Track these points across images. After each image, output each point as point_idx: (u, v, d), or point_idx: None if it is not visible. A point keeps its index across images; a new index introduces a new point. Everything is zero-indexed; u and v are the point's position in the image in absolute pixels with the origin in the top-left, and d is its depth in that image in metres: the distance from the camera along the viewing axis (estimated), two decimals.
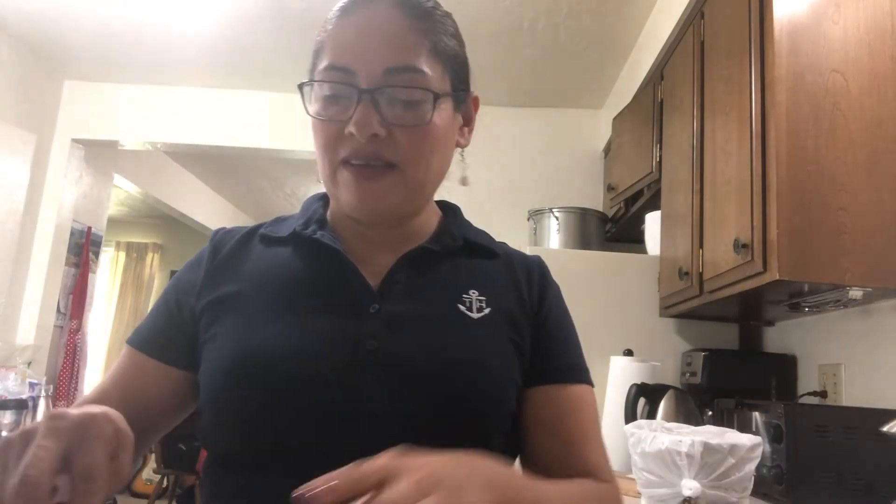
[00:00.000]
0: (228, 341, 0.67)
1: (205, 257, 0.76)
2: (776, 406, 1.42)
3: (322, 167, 0.71)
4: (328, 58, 0.70)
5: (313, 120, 0.70)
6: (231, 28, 2.93)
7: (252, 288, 0.71)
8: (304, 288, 0.71)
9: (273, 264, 0.73)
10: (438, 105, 0.69)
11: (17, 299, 3.36)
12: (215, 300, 0.71)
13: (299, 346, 0.65)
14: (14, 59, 3.23)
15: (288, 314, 0.68)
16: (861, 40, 1.41)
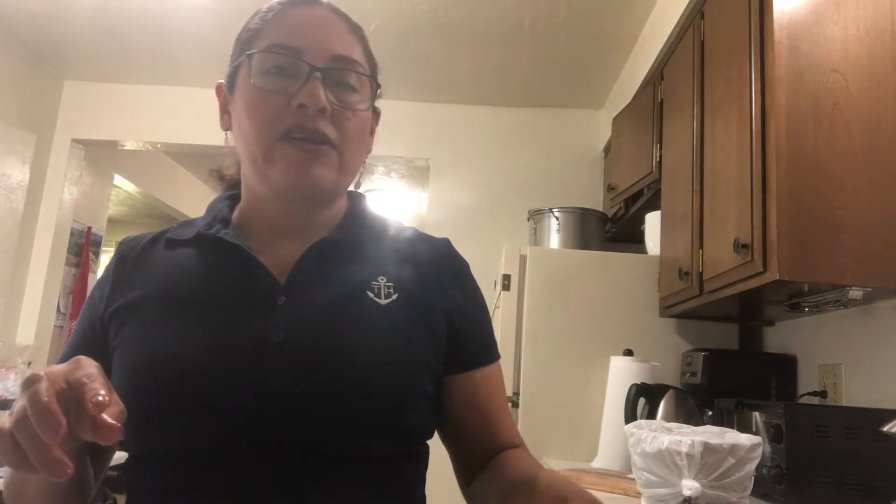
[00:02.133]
0: (132, 346, 0.67)
1: (111, 269, 0.76)
2: (776, 406, 1.42)
3: (256, 143, 0.70)
4: (274, 38, 0.72)
5: (253, 93, 0.70)
6: (231, 28, 2.92)
7: (155, 291, 0.70)
8: (209, 286, 0.70)
9: (177, 266, 0.73)
10: (368, 97, 0.75)
11: (17, 299, 3.36)
12: (120, 308, 0.71)
13: (202, 343, 0.65)
14: (14, 59, 3.23)
15: (190, 313, 0.67)
16: (861, 40, 1.41)
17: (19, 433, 0.45)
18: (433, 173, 3.46)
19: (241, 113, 0.72)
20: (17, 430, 0.45)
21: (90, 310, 0.74)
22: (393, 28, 2.83)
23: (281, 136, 0.69)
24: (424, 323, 0.73)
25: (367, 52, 0.78)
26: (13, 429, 0.45)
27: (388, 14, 2.72)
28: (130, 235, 0.80)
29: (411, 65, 3.15)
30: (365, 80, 0.75)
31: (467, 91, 3.37)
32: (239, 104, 0.73)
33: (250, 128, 0.70)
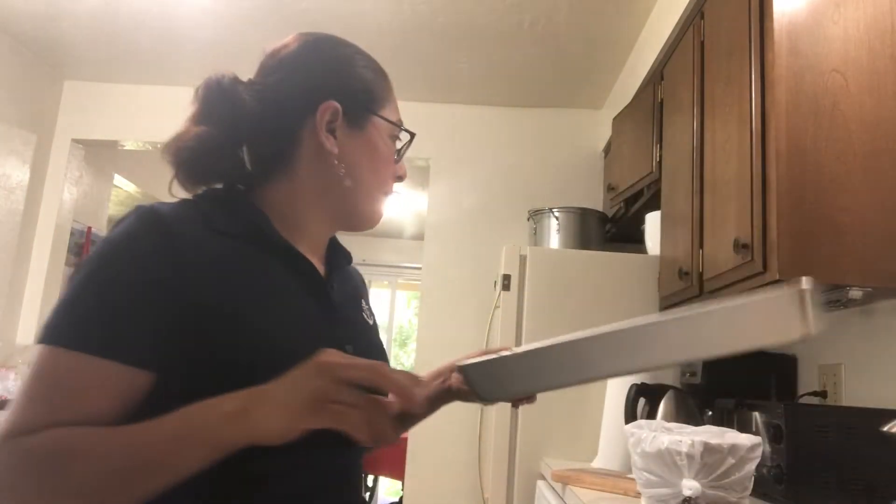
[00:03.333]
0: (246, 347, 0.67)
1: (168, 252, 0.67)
2: (776, 406, 1.42)
3: (376, 186, 0.86)
4: (396, 115, 0.90)
5: (386, 154, 0.86)
6: (231, 28, 2.93)
7: (248, 294, 0.71)
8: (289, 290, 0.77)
9: (254, 267, 0.74)
10: None
11: (17, 299, 3.36)
12: (212, 305, 0.67)
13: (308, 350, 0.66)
14: (14, 59, 3.23)
15: (287, 318, 0.74)
16: (861, 40, 1.41)
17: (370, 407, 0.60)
18: (433, 173, 3.46)
19: (374, 156, 0.85)
20: (368, 405, 0.60)
21: (157, 290, 0.65)
22: (393, 28, 2.83)
23: (385, 193, 0.87)
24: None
25: None
26: (359, 404, 0.59)
27: (388, 14, 2.72)
28: (153, 209, 0.70)
29: (411, 65, 3.15)
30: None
31: (467, 91, 3.37)
32: (373, 146, 0.85)
33: (375, 174, 0.85)
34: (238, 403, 0.60)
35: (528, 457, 2.21)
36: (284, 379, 0.61)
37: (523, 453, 2.21)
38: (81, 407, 0.61)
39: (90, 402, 0.62)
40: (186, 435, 0.59)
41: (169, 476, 0.59)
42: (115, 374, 0.63)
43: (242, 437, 0.59)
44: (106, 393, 0.63)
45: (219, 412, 0.60)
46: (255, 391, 0.61)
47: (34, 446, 0.59)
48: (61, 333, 0.63)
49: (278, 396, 0.59)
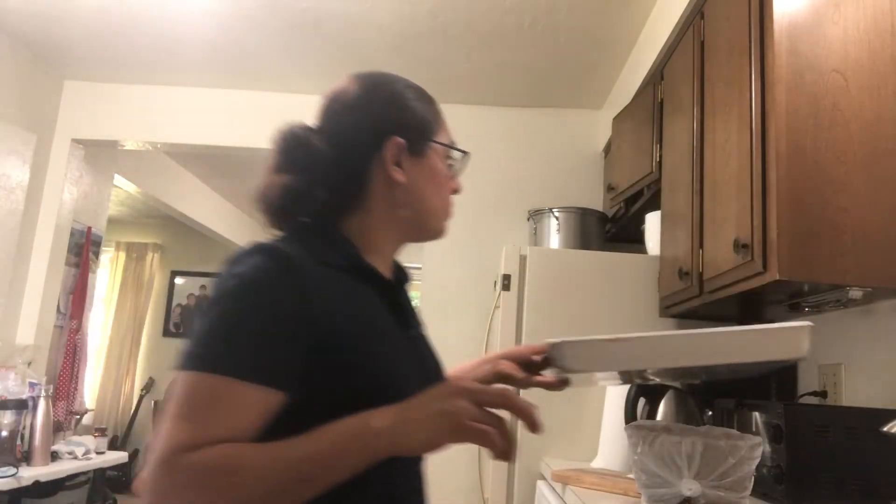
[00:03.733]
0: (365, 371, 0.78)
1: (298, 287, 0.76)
2: (776, 406, 1.42)
3: (441, 208, 0.95)
4: (449, 134, 0.98)
5: (445, 176, 0.96)
6: (231, 28, 2.93)
7: (360, 321, 0.82)
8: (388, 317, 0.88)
9: (362, 298, 0.85)
10: None
11: (17, 299, 3.36)
12: (332, 332, 0.77)
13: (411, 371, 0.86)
14: (14, 59, 3.23)
15: (393, 343, 0.86)
16: (861, 40, 1.41)
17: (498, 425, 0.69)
18: None
19: (435, 180, 0.94)
20: (501, 425, 0.69)
21: (290, 321, 0.74)
22: (393, 28, 2.83)
23: (448, 206, 0.97)
24: None
25: None
26: (494, 424, 0.69)
27: (388, 14, 2.72)
28: (276, 248, 0.79)
29: (411, 65, 3.15)
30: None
31: (467, 91, 3.37)
32: (432, 171, 0.94)
33: (438, 197, 0.95)
34: (385, 420, 0.69)
35: (528, 457, 2.21)
36: (424, 399, 0.71)
37: (523, 453, 2.21)
38: (230, 424, 0.69)
39: (236, 421, 0.70)
40: (340, 448, 0.68)
41: (323, 485, 0.68)
42: (258, 395, 0.71)
43: (390, 450, 0.69)
44: (249, 412, 0.71)
45: (368, 427, 0.69)
46: (398, 409, 0.70)
47: (201, 461, 0.66)
48: (208, 360, 0.71)
49: (422, 415, 0.69)
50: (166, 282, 6.67)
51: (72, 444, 3.15)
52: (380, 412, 0.69)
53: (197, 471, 0.65)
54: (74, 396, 3.55)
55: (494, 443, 0.68)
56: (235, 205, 5.92)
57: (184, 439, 0.67)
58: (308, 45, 3.02)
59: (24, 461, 2.79)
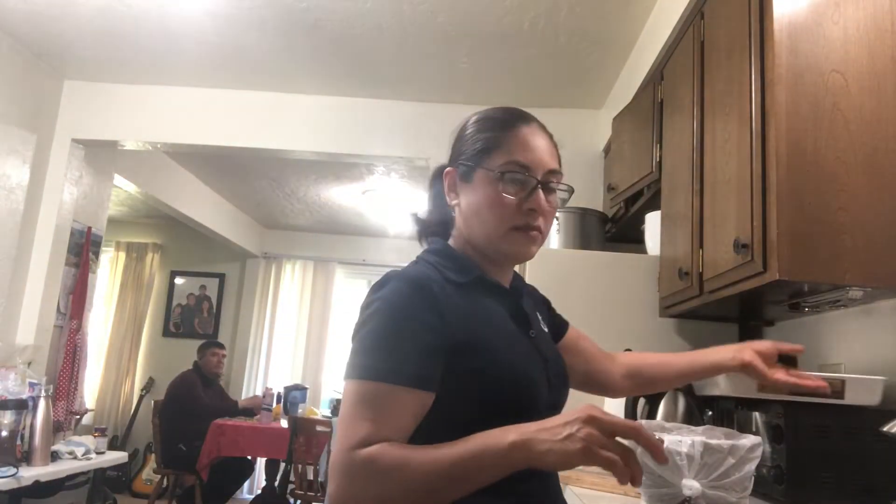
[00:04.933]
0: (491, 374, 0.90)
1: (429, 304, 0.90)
2: (776, 406, 1.42)
3: (494, 227, 0.99)
4: (510, 156, 1.00)
5: (497, 195, 0.98)
6: (231, 28, 2.93)
7: (486, 330, 0.95)
8: (509, 325, 1.00)
9: (487, 308, 0.98)
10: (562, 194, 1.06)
11: (17, 299, 3.36)
12: (464, 341, 0.90)
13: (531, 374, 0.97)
14: (14, 59, 3.23)
15: (515, 347, 0.97)
16: (861, 40, 1.41)
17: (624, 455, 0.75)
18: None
19: (482, 203, 0.99)
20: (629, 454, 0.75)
21: (429, 334, 0.88)
22: (393, 28, 2.83)
23: (514, 228, 0.99)
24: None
25: (558, 156, 1.08)
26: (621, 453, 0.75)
27: (388, 14, 2.72)
28: (411, 274, 0.94)
29: (411, 65, 3.15)
30: (563, 183, 1.06)
31: (467, 91, 3.37)
32: (479, 195, 1.00)
33: (491, 218, 0.99)
34: (519, 436, 0.77)
35: None
36: (558, 421, 0.78)
37: None
38: (394, 424, 0.83)
39: (399, 420, 0.84)
40: (482, 457, 0.78)
41: (471, 486, 0.79)
42: (417, 399, 0.86)
43: (526, 463, 0.77)
44: (409, 413, 0.85)
45: (505, 442, 0.77)
46: (535, 428, 0.78)
47: (374, 456, 0.80)
48: (373, 370, 0.85)
49: (554, 437, 0.76)
50: (166, 282, 6.67)
51: (72, 444, 3.15)
52: (517, 429, 0.78)
53: (372, 463, 0.79)
54: (74, 396, 3.55)
55: (621, 471, 0.74)
56: (235, 205, 5.92)
57: (357, 436, 0.81)
58: (308, 45, 3.02)
59: (24, 461, 2.79)
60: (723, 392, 1.50)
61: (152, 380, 6.40)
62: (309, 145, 3.57)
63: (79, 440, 3.22)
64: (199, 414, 4.64)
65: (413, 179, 4.70)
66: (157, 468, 4.78)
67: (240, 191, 5.49)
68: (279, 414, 4.93)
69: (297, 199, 5.57)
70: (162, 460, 4.66)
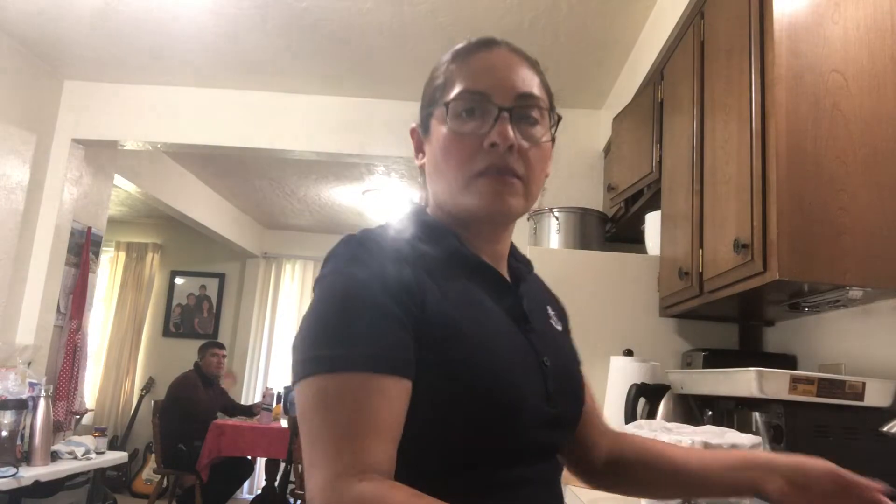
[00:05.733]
0: (465, 363, 0.70)
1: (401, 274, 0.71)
2: (776, 406, 1.42)
3: (455, 177, 0.78)
4: (463, 84, 0.79)
5: (449, 136, 0.78)
6: (231, 28, 2.93)
7: (460, 312, 0.73)
8: (492, 307, 0.78)
9: (465, 287, 0.77)
10: (548, 129, 0.81)
11: (17, 299, 3.36)
12: (436, 317, 0.70)
13: (514, 367, 0.74)
14: (14, 59, 3.23)
15: (494, 335, 0.75)
16: (861, 40, 1.41)
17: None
18: None
19: (439, 153, 0.79)
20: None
21: (399, 304, 0.68)
22: (393, 28, 2.83)
23: (477, 173, 0.76)
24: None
25: (544, 85, 0.83)
26: None
27: (388, 14, 2.72)
28: (377, 237, 0.75)
29: (411, 65, 3.15)
30: (545, 112, 0.80)
31: None
32: (435, 145, 0.80)
33: (447, 167, 0.78)
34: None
35: None
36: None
37: None
38: (381, 429, 0.62)
39: (384, 423, 0.63)
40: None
41: None
42: (404, 390, 0.65)
43: None
44: (393, 409, 0.64)
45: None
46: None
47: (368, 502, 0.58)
48: (339, 359, 0.64)
49: None
50: (166, 282, 6.67)
51: (72, 444, 3.15)
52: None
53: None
54: (74, 396, 3.55)
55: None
56: (235, 205, 5.92)
57: (346, 460, 0.61)
58: (308, 45, 3.02)
59: (24, 461, 2.79)
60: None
61: (152, 380, 6.40)
62: (309, 145, 3.57)
63: (79, 440, 3.22)
64: (200, 414, 4.64)
65: (413, 179, 4.70)
66: (157, 468, 4.78)
67: (240, 191, 5.49)
68: (279, 414, 4.94)
69: (297, 199, 5.57)
70: (162, 460, 4.66)
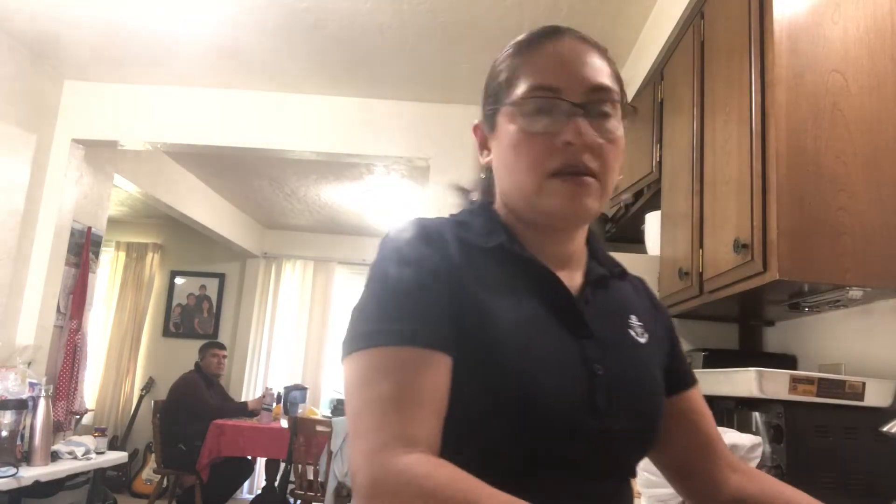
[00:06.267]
0: (492, 358, 0.67)
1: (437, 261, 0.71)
2: (776, 406, 1.42)
3: (527, 179, 0.73)
4: (530, 79, 0.75)
5: (520, 135, 0.74)
6: (231, 28, 2.93)
7: (496, 304, 0.70)
8: (536, 307, 0.73)
9: (505, 279, 0.73)
10: (622, 121, 0.76)
11: (17, 299, 3.36)
12: (467, 309, 0.69)
13: (552, 370, 0.69)
14: (14, 59, 3.23)
15: (534, 334, 0.71)
16: (861, 40, 1.41)
17: None
18: (433, 173, 3.46)
19: (509, 151, 0.75)
20: None
21: (440, 288, 0.68)
22: (393, 28, 2.83)
23: (551, 174, 0.72)
24: (661, 362, 0.82)
25: (615, 74, 0.79)
26: None
27: (388, 14, 2.72)
28: (428, 222, 0.75)
29: (411, 65, 3.15)
30: (618, 104, 0.76)
31: (467, 91, 3.37)
32: (504, 143, 0.76)
33: (518, 166, 0.74)
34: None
35: None
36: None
37: None
38: (425, 402, 0.62)
39: (429, 395, 0.63)
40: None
41: None
42: (440, 363, 0.65)
43: None
44: (437, 383, 0.64)
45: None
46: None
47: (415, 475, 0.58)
48: (390, 333, 0.64)
49: None
50: (166, 282, 6.67)
51: (72, 444, 3.15)
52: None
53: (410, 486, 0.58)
54: (74, 396, 3.55)
55: None
56: (235, 205, 5.92)
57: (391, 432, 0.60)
58: (308, 45, 3.02)
59: (24, 461, 2.79)
60: None
61: (152, 380, 6.40)
62: (309, 145, 3.57)
63: (79, 440, 3.22)
64: (209, 414, 4.63)
65: (413, 179, 4.70)
66: (157, 468, 4.78)
67: (240, 191, 5.48)
68: (279, 414, 4.93)
69: (297, 199, 5.57)
70: (162, 460, 4.66)
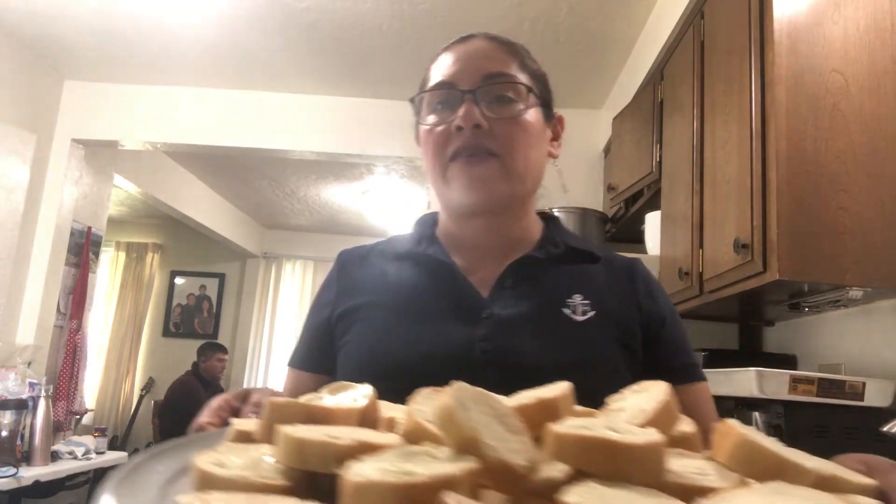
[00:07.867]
0: (360, 347, 0.77)
1: (334, 277, 0.86)
2: (776, 406, 1.42)
3: (433, 171, 0.79)
4: (433, 79, 0.81)
5: (423, 132, 0.80)
6: (231, 28, 2.93)
7: (377, 300, 0.80)
8: (423, 297, 0.79)
9: (395, 278, 0.82)
10: (529, 105, 0.78)
11: (17, 299, 3.36)
12: (346, 312, 0.80)
13: (423, 350, 0.74)
14: (14, 59, 3.23)
15: (410, 322, 0.76)
16: (861, 40, 1.41)
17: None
18: None
19: (422, 152, 0.81)
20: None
21: (318, 313, 0.84)
22: (393, 28, 2.83)
23: (450, 159, 0.77)
24: (620, 340, 0.78)
25: (524, 65, 0.81)
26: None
27: (388, 14, 2.72)
28: (347, 248, 0.89)
29: (411, 65, 3.14)
30: (522, 89, 0.78)
31: None
32: (421, 146, 0.82)
33: (427, 162, 0.81)
34: None
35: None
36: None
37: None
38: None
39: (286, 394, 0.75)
40: None
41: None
42: (290, 376, 0.86)
43: None
44: (287, 391, 0.81)
45: None
46: None
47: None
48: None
49: None
50: (166, 282, 6.67)
51: (72, 444, 3.15)
52: None
53: None
54: (74, 396, 3.55)
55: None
56: (235, 205, 5.92)
57: None
58: (308, 45, 3.02)
59: (24, 461, 2.79)
60: None
61: (152, 380, 6.40)
62: (309, 145, 3.57)
63: (79, 440, 3.22)
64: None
65: (413, 179, 4.70)
66: None
67: (240, 191, 5.48)
68: None
69: (297, 199, 5.57)
70: None
